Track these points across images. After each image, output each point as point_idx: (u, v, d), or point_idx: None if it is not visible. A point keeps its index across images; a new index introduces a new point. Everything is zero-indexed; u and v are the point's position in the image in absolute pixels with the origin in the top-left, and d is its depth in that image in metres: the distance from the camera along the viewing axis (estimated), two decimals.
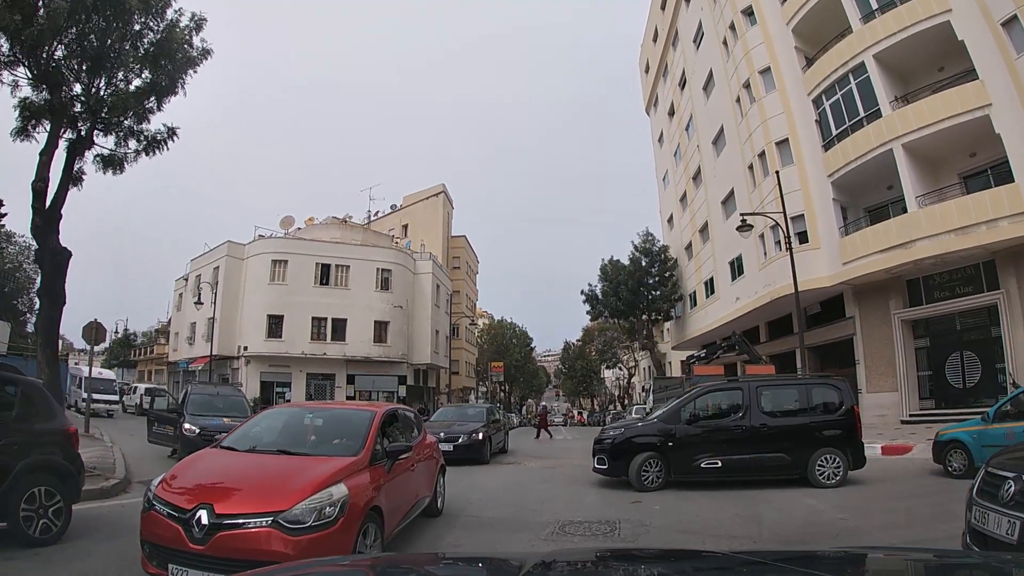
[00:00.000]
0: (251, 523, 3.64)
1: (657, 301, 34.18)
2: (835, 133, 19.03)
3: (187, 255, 38.89)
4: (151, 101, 11.42)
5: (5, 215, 24.32)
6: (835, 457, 8.63)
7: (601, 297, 35.97)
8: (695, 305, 31.21)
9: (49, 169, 10.19)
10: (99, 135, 11.25)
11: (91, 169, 11.61)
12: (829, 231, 19.28)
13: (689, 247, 31.94)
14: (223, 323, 31.50)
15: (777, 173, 18.23)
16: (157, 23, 11.14)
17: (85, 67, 10.74)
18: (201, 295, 30.43)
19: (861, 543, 5.47)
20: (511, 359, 56.69)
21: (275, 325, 32.66)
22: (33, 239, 11.29)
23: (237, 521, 3.64)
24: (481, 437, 13.11)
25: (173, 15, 11.27)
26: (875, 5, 18.07)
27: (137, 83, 11.31)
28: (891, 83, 17.68)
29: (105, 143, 11.49)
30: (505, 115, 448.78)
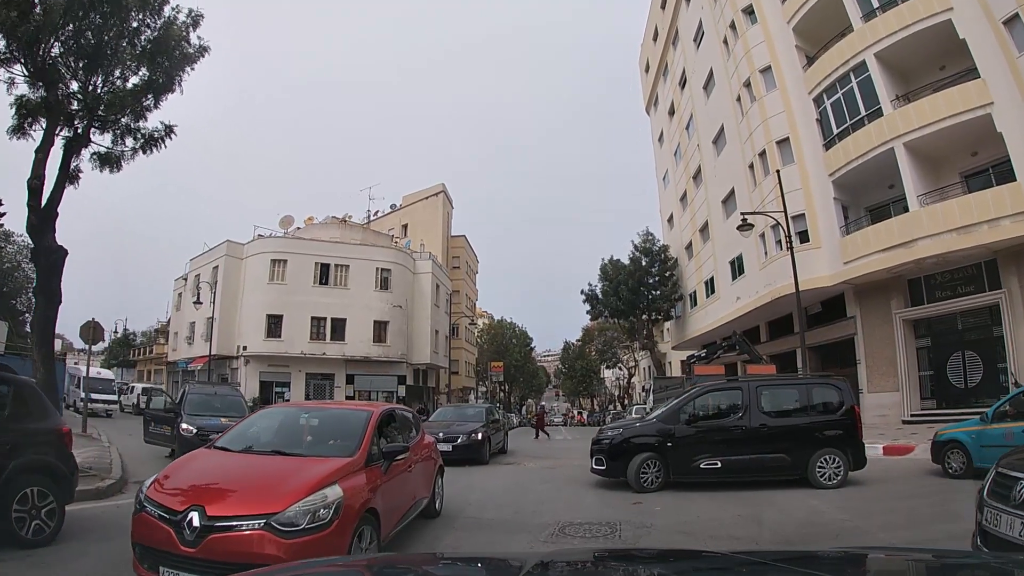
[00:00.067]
0: (243, 525, 3.58)
1: (657, 301, 34.14)
2: (836, 132, 18.98)
3: (187, 255, 38.94)
4: (148, 99, 11.36)
5: (4, 214, 24.26)
6: (835, 458, 8.56)
7: (601, 297, 35.93)
8: (695, 305, 31.15)
9: (45, 167, 10.13)
10: (96, 133, 11.19)
11: (88, 167, 11.58)
12: (830, 230, 19.23)
13: (689, 247, 31.88)
14: (222, 323, 31.45)
15: (778, 172, 18.17)
16: (154, 20, 11.07)
17: (82, 64, 10.67)
18: (200, 295, 30.38)
19: (862, 543, 5.43)
20: (511, 359, 56.65)
21: (274, 325, 32.61)
22: (29, 237, 11.22)
23: (229, 523, 3.58)
24: (480, 437, 13.04)
25: (171, 12, 11.21)
26: (876, 4, 18.03)
27: (134, 80, 11.25)
28: (892, 82, 17.64)
29: (102, 141, 11.44)
30: (505, 115, 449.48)
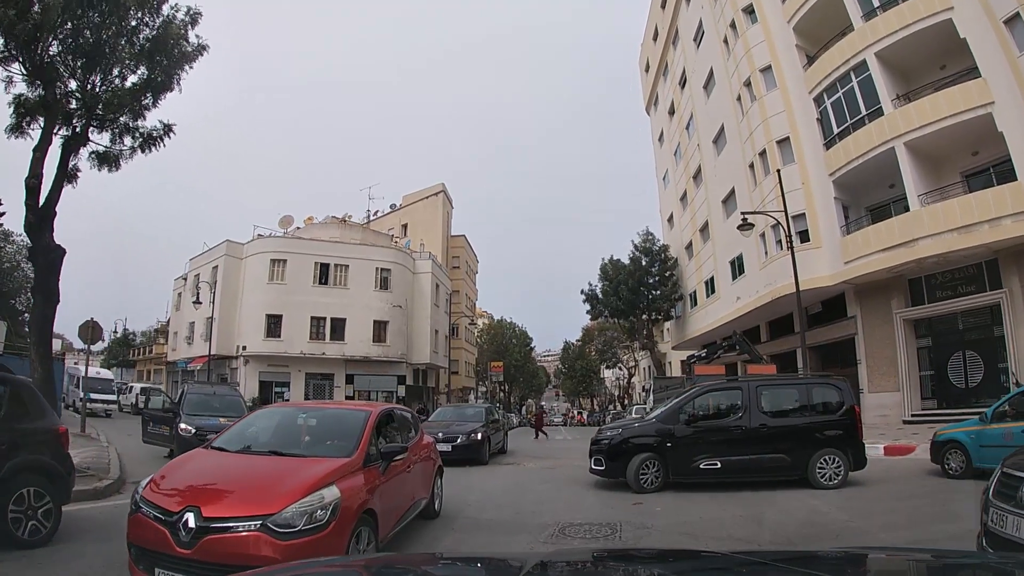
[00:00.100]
0: (239, 527, 3.54)
1: (657, 301, 34.11)
2: (836, 131, 18.95)
3: (187, 255, 38.88)
4: (147, 97, 11.29)
5: (3, 213, 24.21)
6: (836, 458, 8.52)
7: (601, 296, 35.89)
8: (695, 305, 31.11)
9: (43, 166, 10.08)
10: (94, 132, 11.13)
11: (86, 166, 11.53)
12: (830, 230, 19.20)
13: (689, 246, 31.85)
14: (222, 323, 31.42)
15: (778, 172, 18.13)
16: (153, 19, 11.02)
17: (80, 63, 10.61)
18: (199, 294, 30.35)
19: (862, 543, 5.41)
20: (511, 359, 56.62)
21: (274, 325, 32.57)
22: (27, 236, 11.18)
23: (225, 524, 3.54)
24: (480, 437, 13.00)
25: (169, 11, 11.16)
26: (876, 3, 18.01)
27: (133, 79, 11.19)
28: (893, 81, 17.61)
29: (100, 140, 11.39)
30: (505, 115, 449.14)
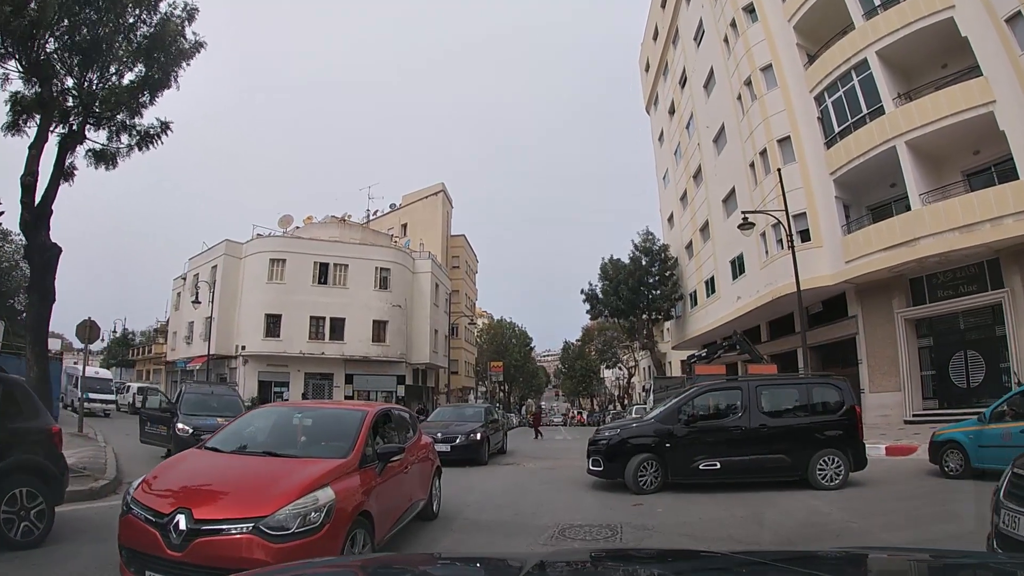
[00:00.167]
0: (230, 529, 3.47)
1: (657, 300, 34.05)
2: (837, 130, 18.89)
3: (186, 255, 38.79)
4: (144, 95, 11.24)
5: (2, 212, 24.13)
6: (836, 458, 8.46)
7: (601, 296, 35.83)
8: (695, 304, 31.05)
9: (38, 163, 10.02)
10: (91, 129, 11.07)
11: (83, 164, 11.46)
12: (831, 229, 19.14)
13: (689, 246, 31.79)
14: (221, 322, 31.36)
15: (779, 171, 18.06)
16: (150, 16, 10.96)
17: (77, 60, 10.55)
18: (198, 294, 30.28)
19: (863, 543, 5.37)
20: (510, 359, 56.54)
21: (273, 324, 32.50)
22: (21, 234, 11.13)
23: (216, 527, 3.48)
24: (479, 437, 12.94)
25: (167, 7, 11.11)
26: (877, 1, 17.95)
27: (130, 76, 11.13)
28: (894, 80, 17.54)
29: (97, 137, 11.33)
30: (505, 115, 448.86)
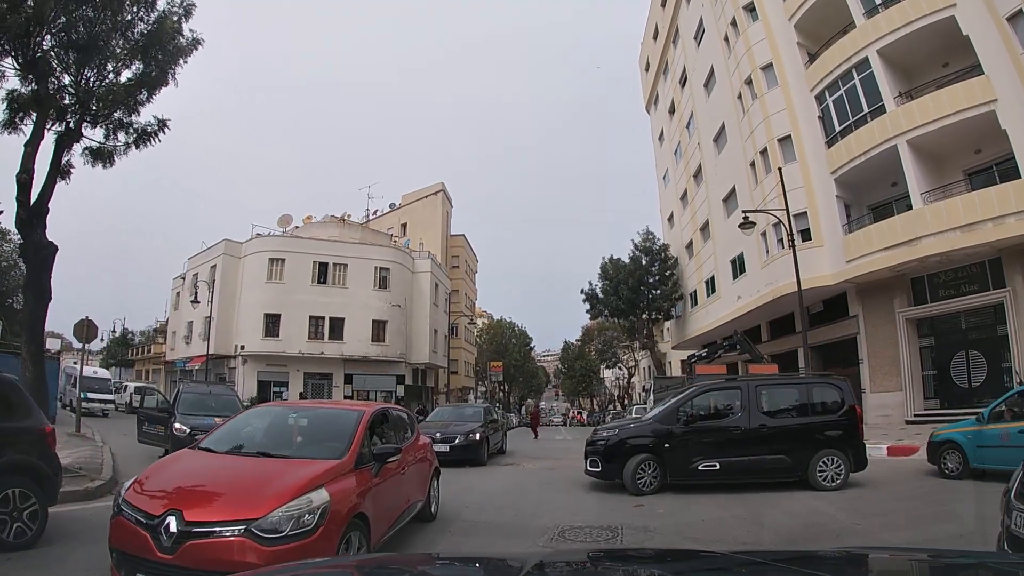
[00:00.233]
0: (222, 531, 3.39)
1: (657, 300, 33.98)
2: (838, 129, 18.82)
3: (186, 254, 38.69)
4: (142, 93, 11.16)
5: (0, 212, 24.05)
6: (836, 459, 8.38)
7: (601, 296, 35.76)
8: (696, 304, 30.98)
9: (34, 161, 9.93)
10: (88, 127, 11.00)
11: (80, 162, 11.40)
12: (832, 229, 19.07)
13: (690, 246, 31.72)
14: (220, 322, 31.29)
15: (780, 170, 18.00)
16: (148, 13, 10.88)
17: (73, 57, 10.48)
18: (197, 294, 30.20)
19: (864, 543, 5.32)
20: (510, 359, 56.42)
21: (272, 324, 32.40)
22: (18, 233, 11.04)
23: (207, 529, 3.40)
24: (478, 438, 12.87)
25: (165, 5, 11.03)
26: (878, 0, 17.84)
27: (127, 74, 11.06)
28: (895, 79, 17.47)
29: (94, 135, 11.25)
30: (505, 115, 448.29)
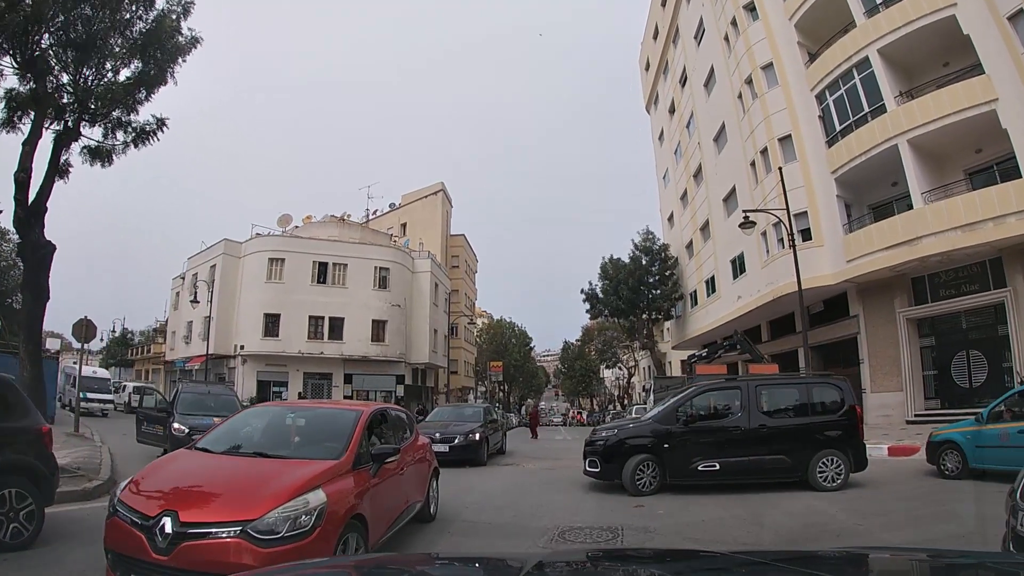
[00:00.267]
0: (218, 532, 3.35)
1: (657, 300, 33.95)
2: (839, 129, 18.79)
3: (185, 254, 38.65)
4: (140, 92, 11.16)
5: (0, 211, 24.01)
6: (836, 459, 8.35)
7: (601, 296, 35.72)
8: (696, 304, 30.95)
9: (32, 160, 9.91)
10: (86, 126, 10.98)
11: (78, 161, 11.37)
12: (833, 228, 19.04)
13: (690, 245, 31.69)
14: (219, 322, 31.25)
15: (780, 170, 17.98)
16: (146, 11, 10.87)
17: (72, 56, 10.46)
18: (197, 293, 30.16)
19: (864, 543, 5.30)
20: (510, 359, 56.36)
21: (272, 324, 32.36)
22: (16, 232, 11.01)
23: (203, 530, 3.36)
24: (478, 438, 12.83)
25: (163, 3, 11.01)
26: None
27: (126, 73, 11.04)
28: (896, 78, 17.44)
29: (92, 134, 11.23)
30: (505, 115, 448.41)
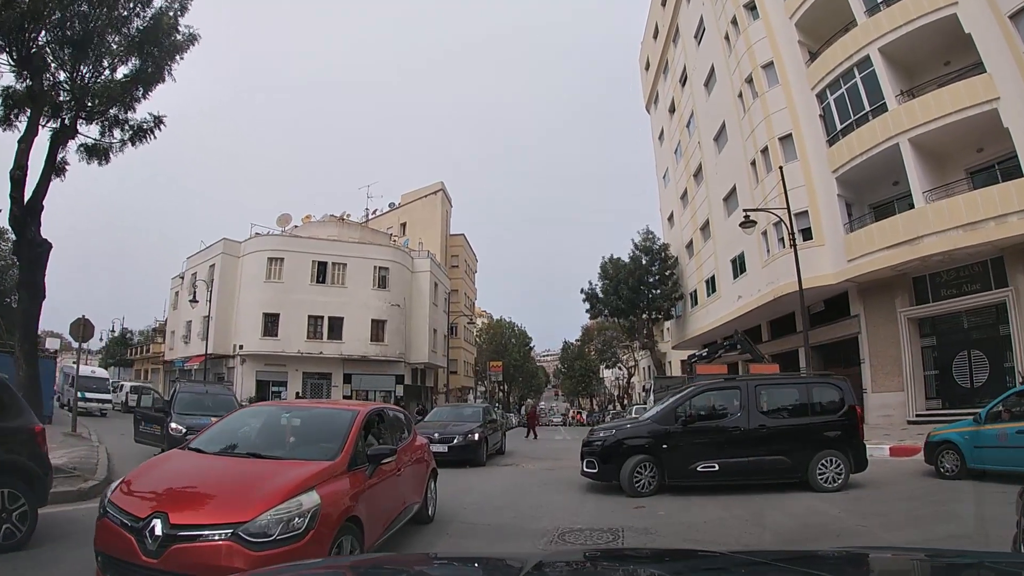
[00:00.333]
0: (208, 535, 3.28)
1: (657, 300, 33.90)
2: (840, 128, 18.72)
3: (185, 254, 38.55)
4: (138, 89, 11.10)
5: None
6: (836, 459, 8.28)
7: (601, 295, 35.67)
8: (696, 304, 30.89)
9: (28, 157, 9.86)
10: (83, 124, 10.93)
11: (75, 159, 11.32)
12: (834, 228, 18.97)
13: (690, 245, 31.62)
14: (219, 321, 31.19)
15: (780, 169, 17.93)
16: (144, 9, 10.81)
17: (69, 53, 10.41)
18: (196, 293, 30.08)
19: (864, 543, 5.26)
20: (510, 359, 56.29)
21: (271, 323, 32.28)
22: (11, 230, 10.96)
23: (193, 532, 3.29)
24: (477, 438, 12.77)
25: (161, 1, 10.95)
26: None
27: (123, 70, 10.99)
28: (897, 77, 17.38)
29: (89, 132, 11.18)
30: (505, 115, 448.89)
